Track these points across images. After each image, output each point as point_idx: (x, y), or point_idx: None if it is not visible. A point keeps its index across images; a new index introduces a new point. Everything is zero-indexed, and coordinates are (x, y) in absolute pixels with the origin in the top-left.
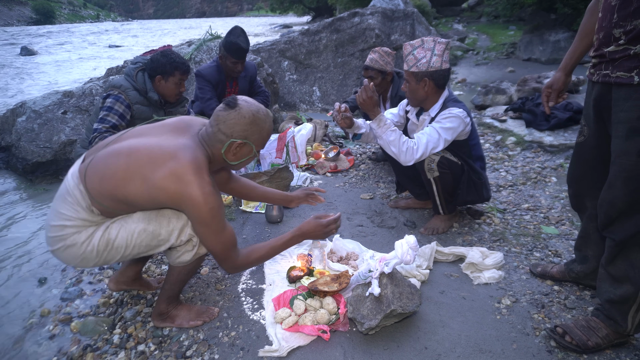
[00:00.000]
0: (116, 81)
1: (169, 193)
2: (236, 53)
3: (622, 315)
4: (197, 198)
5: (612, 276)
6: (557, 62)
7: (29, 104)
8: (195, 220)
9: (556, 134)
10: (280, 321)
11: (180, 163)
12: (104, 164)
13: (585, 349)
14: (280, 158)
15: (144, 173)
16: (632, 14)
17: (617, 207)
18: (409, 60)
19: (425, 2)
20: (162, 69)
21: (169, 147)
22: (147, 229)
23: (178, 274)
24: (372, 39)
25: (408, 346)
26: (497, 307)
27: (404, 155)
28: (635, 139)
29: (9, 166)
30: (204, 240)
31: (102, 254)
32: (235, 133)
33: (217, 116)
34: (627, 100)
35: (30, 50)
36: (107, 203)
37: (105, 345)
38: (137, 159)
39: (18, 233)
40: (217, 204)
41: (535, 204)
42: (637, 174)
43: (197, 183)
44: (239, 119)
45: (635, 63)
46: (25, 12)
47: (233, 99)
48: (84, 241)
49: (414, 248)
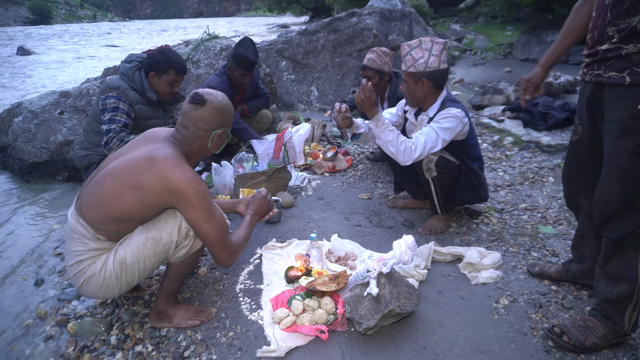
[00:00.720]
0: (113, 82)
1: (157, 191)
2: (244, 66)
3: (619, 314)
4: (182, 184)
5: (608, 275)
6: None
7: (26, 104)
8: (185, 207)
9: (553, 134)
10: (278, 321)
11: (158, 161)
12: (94, 192)
13: (582, 349)
14: (278, 158)
15: (130, 184)
16: (625, 12)
17: (611, 206)
18: (407, 61)
19: (422, 2)
20: (157, 65)
21: (143, 154)
22: (149, 237)
23: (177, 269)
24: (370, 39)
25: (406, 346)
26: (495, 307)
27: (402, 155)
28: (627, 139)
29: (5, 167)
30: (197, 229)
31: (120, 277)
32: (214, 125)
33: (191, 116)
34: (619, 101)
35: (27, 50)
36: (108, 227)
37: (103, 346)
38: (119, 175)
39: (14, 234)
40: (202, 188)
41: (533, 204)
42: (630, 173)
43: (177, 172)
44: (214, 112)
45: (627, 63)
46: (22, 12)
47: (197, 95)
48: (100, 269)
49: (412, 248)
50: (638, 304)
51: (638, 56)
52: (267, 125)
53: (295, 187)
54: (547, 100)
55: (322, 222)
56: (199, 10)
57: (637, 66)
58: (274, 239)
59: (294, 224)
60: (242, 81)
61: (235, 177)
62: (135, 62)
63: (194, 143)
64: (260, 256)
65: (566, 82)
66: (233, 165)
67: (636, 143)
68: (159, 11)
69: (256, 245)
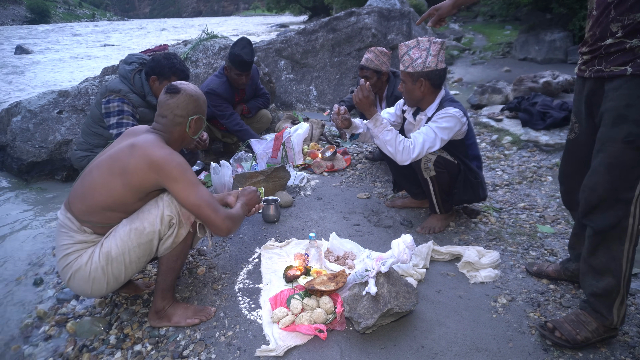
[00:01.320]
0: (114, 85)
1: (140, 170)
2: (240, 66)
3: (607, 308)
4: (162, 159)
5: (593, 268)
6: (553, 61)
7: (24, 104)
8: (168, 181)
9: (552, 133)
10: (277, 321)
11: (139, 145)
12: (80, 186)
13: (574, 344)
14: (277, 158)
15: (115, 171)
16: (630, 8)
17: (597, 194)
18: (405, 61)
19: (421, 2)
20: (159, 70)
21: (125, 144)
22: (132, 228)
23: (167, 262)
24: (369, 38)
25: (405, 345)
26: (493, 306)
27: (401, 154)
28: (621, 126)
29: (4, 166)
30: (185, 199)
31: (107, 270)
32: (190, 112)
33: (168, 104)
34: (617, 90)
35: (25, 50)
36: (94, 218)
37: (102, 345)
38: (104, 166)
39: (13, 234)
40: (183, 161)
41: (531, 203)
42: (621, 161)
43: (158, 150)
44: (188, 99)
45: (630, 57)
46: (20, 11)
47: (171, 86)
48: (86, 262)
49: (410, 247)
50: (625, 298)
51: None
52: (266, 125)
53: (294, 187)
54: (546, 99)
55: (321, 222)
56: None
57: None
58: (273, 238)
59: (292, 224)
60: (239, 81)
61: (234, 177)
62: (136, 64)
63: (173, 130)
64: (259, 255)
65: (564, 82)
66: (232, 164)
67: (629, 131)
68: (157, 10)
69: (255, 244)
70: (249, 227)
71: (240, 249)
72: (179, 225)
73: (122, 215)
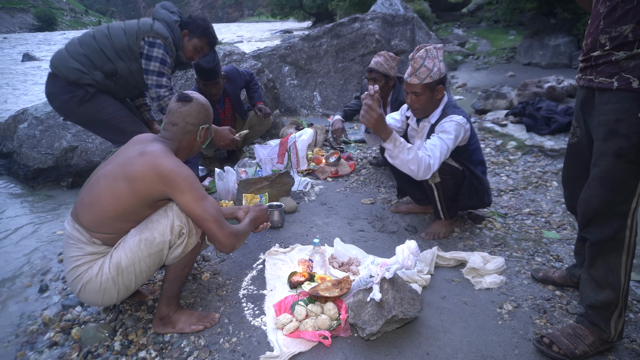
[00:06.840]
0: (162, 30)
1: (147, 179)
2: (201, 74)
3: (604, 321)
4: (170, 170)
5: (594, 280)
6: (557, 66)
7: (31, 111)
8: (176, 192)
9: (557, 138)
10: (281, 327)
11: (147, 153)
12: (88, 195)
13: (573, 358)
14: (282, 164)
15: (122, 178)
16: (616, 21)
17: (591, 207)
18: (421, 73)
19: (425, 7)
20: (194, 26)
21: (134, 151)
22: (142, 238)
23: (174, 271)
24: (373, 44)
25: (409, 352)
26: (498, 313)
27: (423, 172)
28: (612, 140)
29: (10, 173)
30: (192, 212)
31: (117, 280)
32: (201, 120)
33: (180, 112)
34: (606, 104)
35: (32, 57)
36: (104, 229)
37: (106, 352)
38: (112, 175)
39: (19, 240)
40: (191, 174)
41: (537, 209)
42: (612, 175)
43: (166, 160)
44: (200, 109)
45: (616, 69)
46: (27, 19)
47: (183, 94)
48: (97, 273)
49: (415, 253)
50: (624, 311)
51: (627, 62)
52: (267, 126)
53: (298, 192)
54: (550, 104)
55: (325, 227)
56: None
57: (625, 72)
58: (277, 244)
59: (296, 229)
60: (209, 92)
61: (239, 183)
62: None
63: (183, 138)
64: (263, 261)
65: (569, 86)
66: (236, 170)
67: (620, 145)
68: None
69: (259, 250)
70: (253, 233)
71: (244, 254)
72: (189, 234)
73: (132, 225)
